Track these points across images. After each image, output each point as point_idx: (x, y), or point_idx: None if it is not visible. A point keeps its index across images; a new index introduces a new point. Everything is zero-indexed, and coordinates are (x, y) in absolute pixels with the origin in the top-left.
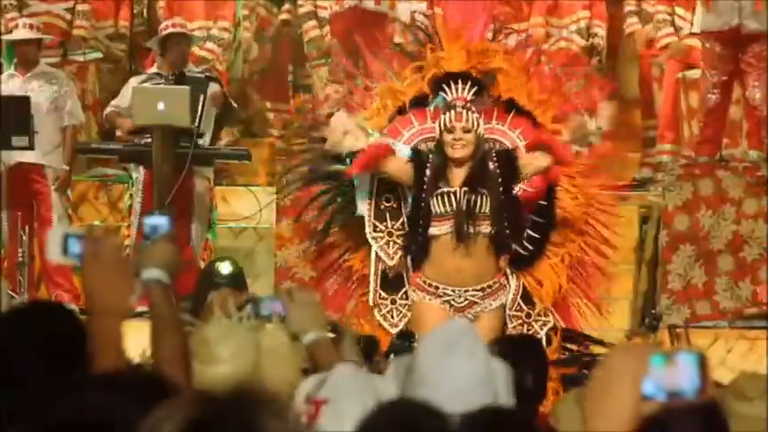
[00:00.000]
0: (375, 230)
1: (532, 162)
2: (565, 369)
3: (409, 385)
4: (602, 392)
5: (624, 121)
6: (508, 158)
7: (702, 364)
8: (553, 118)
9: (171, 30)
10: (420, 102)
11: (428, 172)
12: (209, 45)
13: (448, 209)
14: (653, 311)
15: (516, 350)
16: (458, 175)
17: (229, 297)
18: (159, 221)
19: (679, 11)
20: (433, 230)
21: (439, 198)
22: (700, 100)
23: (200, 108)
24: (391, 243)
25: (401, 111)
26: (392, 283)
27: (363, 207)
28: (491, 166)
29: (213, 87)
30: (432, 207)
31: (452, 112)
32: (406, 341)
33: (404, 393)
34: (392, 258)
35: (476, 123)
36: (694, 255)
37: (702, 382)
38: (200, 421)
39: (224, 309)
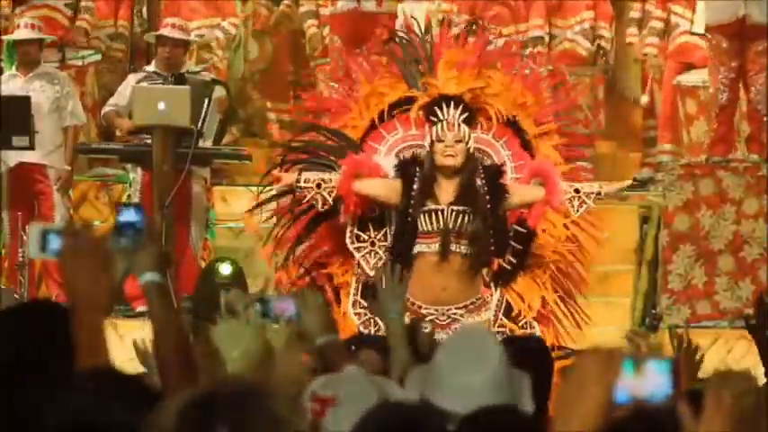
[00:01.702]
0: (358, 240)
1: (522, 193)
2: (564, 362)
3: (427, 388)
4: (572, 394)
5: (625, 120)
6: (495, 175)
7: (674, 369)
8: (534, 120)
9: (163, 31)
10: (403, 104)
11: (416, 186)
12: (212, 43)
13: (434, 227)
14: (653, 311)
15: (519, 350)
16: (446, 190)
17: (237, 298)
18: (133, 217)
19: (678, 9)
20: (418, 248)
21: (426, 216)
22: (697, 106)
23: (203, 111)
24: (373, 253)
25: (383, 115)
26: (371, 292)
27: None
28: (478, 182)
29: (219, 92)
30: (419, 224)
31: (444, 122)
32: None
33: (422, 397)
34: (372, 269)
35: (467, 136)
36: (694, 255)
37: (674, 388)
38: (201, 403)
39: (230, 308)
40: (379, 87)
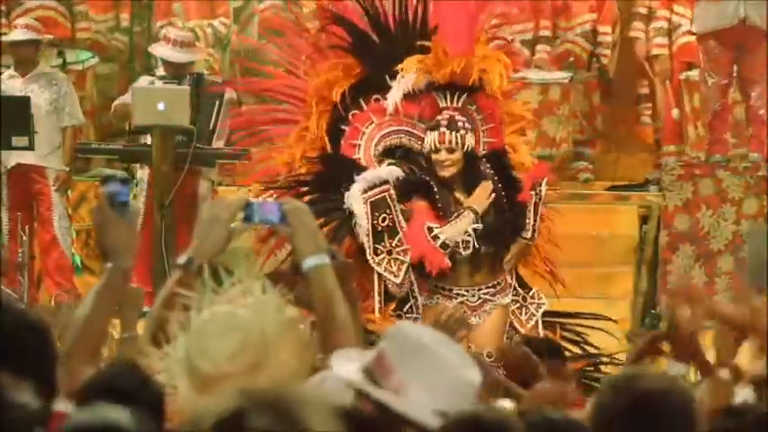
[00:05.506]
0: (376, 254)
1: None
2: (575, 365)
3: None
4: None
5: (625, 122)
6: (500, 161)
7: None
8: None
9: (157, 51)
10: (365, 90)
11: (440, 205)
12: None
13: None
14: (653, 311)
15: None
16: (463, 196)
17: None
18: (118, 189)
19: (680, 9)
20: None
21: None
22: (702, 100)
23: (215, 112)
24: (392, 261)
25: (346, 98)
26: (398, 299)
27: (363, 233)
28: (487, 172)
29: (230, 93)
30: None
31: (436, 133)
32: None
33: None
34: (397, 276)
35: (460, 142)
36: (694, 255)
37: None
38: (235, 418)
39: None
40: (330, 76)
